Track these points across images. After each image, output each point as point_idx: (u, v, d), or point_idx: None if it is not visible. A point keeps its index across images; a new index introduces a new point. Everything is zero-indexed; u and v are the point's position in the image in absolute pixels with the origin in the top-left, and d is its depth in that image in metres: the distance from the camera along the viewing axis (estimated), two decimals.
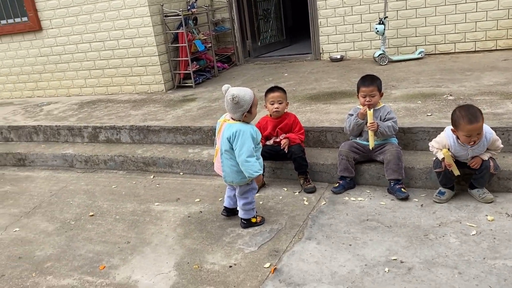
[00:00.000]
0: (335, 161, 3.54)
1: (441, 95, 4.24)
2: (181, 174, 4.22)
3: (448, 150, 2.95)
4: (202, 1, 6.73)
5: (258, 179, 2.98)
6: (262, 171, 3.06)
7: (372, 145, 3.35)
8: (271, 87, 3.65)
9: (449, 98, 4.14)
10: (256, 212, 3.13)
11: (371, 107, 3.35)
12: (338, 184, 3.45)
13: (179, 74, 6.19)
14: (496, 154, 3.01)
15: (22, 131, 5.44)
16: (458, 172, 2.96)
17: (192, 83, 6.07)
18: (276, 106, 3.58)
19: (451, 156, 2.94)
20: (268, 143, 3.63)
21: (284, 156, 3.56)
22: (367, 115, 3.32)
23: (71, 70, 6.55)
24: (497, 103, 3.84)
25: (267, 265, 2.66)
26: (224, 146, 2.94)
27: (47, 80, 6.81)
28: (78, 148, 4.90)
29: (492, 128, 2.97)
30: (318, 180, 3.63)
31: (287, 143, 3.51)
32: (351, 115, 3.48)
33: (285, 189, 3.62)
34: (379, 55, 5.70)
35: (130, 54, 6.07)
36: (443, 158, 2.96)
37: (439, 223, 2.86)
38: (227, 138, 2.91)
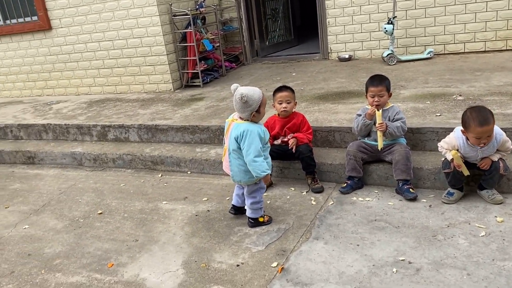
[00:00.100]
0: (343, 161, 3.53)
1: (450, 95, 4.21)
2: (188, 173, 4.23)
3: (457, 151, 2.93)
4: (210, 0, 6.75)
5: (266, 179, 2.98)
6: (270, 171, 3.07)
7: (381, 145, 3.33)
8: (279, 87, 3.65)
9: (458, 98, 4.11)
10: (263, 212, 3.13)
11: (380, 107, 3.34)
12: (346, 184, 3.45)
13: (187, 73, 6.21)
14: (506, 155, 2.99)
15: (31, 129, 5.48)
16: (468, 172, 2.94)
17: (200, 83, 6.09)
18: (284, 105, 3.58)
19: (460, 157, 2.92)
20: (276, 142, 3.63)
21: (292, 156, 3.56)
22: (375, 116, 3.31)
23: (80, 69, 6.60)
24: (507, 103, 3.81)
25: (275, 264, 2.67)
26: (232, 145, 2.95)
27: (57, 79, 6.86)
28: (87, 147, 4.94)
29: (502, 129, 2.95)
30: (326, 180, 3.63)
31: (295, 142, 3.51)
32: (359, 115, 3.47)
33: (292, 188, 3.62)
34: (388, 55, 5.68)
35: (139, 54, 6.10)
36: (452, 159, 2.94)
37: (447, 224, 2.84)
38: (234, 138, 2.91)
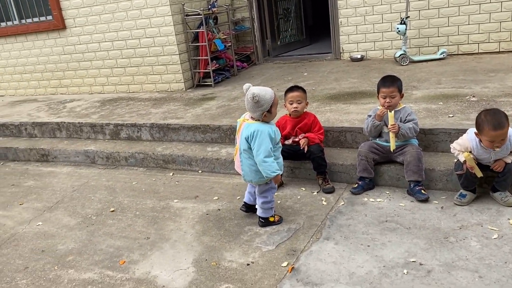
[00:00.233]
0: (354, 161, 3.52)
1: (463, 96, 4.17)
2: (199, 172, 4.26)
3: (470, 152, 2.91)
4: (222, 0, 6.77)
5: (276, 179, 2.98)
6: (281, 171, 3.07)
7: (393, 147, 3.31)
8: (290, 87, 3.65)
9: (471, 99, 4.07)
10: (274, 211, 3.14)
11: (391, 108, 3.32)
12: (357, 184, 3.44)
13: (199, 73, 6.24)
14: None
15: (45, 127, 5.56)
16: (481, 174, 2.91)
17: (211, 82, 6.12)
18: (295, 105, 3.58)
19: (473, 159, 2.90)
20: (287, 142, 3.63)
21: (303, 156, 3.56)
22: (388, 117, 3.29)
23: (93, 68, 6.67)
24: None
25: (285, 264, 2.67)
26: (243, 145, 2.96)
27: (70, 78, 6.94)
28: (100, 145, 4.99)
29: None
30: (337, 181, 3.62)
31: (306, 142, 3.51)
32: (370, 116, 3.46)
33: (303, 189, 3.62)
34: (400, 55, 5.64)
35: (151, 53, 6.14)
36: (464, 161, 2.92)
37: (459, 226, 2.82)
38: (245, 138, 2.92)
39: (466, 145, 2.94)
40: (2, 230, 3.62)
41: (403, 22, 5.51)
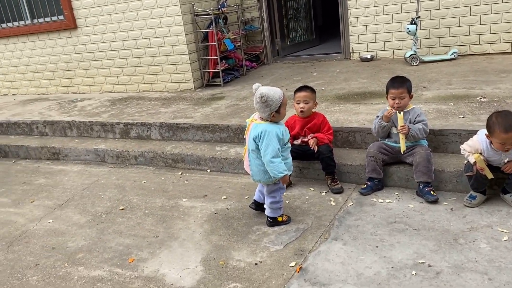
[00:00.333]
0: (363, 162, 3.51)
1: (474, 97, 4.14)
2: (208, 171, 4.27)
3: (480, 154, 2.89)
4: (232, 0, 6.78)
5: (284, 180, 2.97)
6: (290, 172, 3.07)
7: (403, 148, 3.29)
8: (299, 87, 3.66)
9: (482, 100, 4.04)
10: (282, 211, 3.14)
11: (401, 109, 3.30)
12: (366, 185, 3.43)
13: (208, 72, 6.26)
14: None
15: (56, 126, 5.62)
16: (491, 176, 2.89)
17: (220, 82, 6.13)
18: (301, 106, 3.57)
19: (483, 161, 2.87)
20: (295, 142, 3.63)
21: (312, 156, 3.56)
22: (396, 118, 3.28)
23: (104, 67, 6.72)
24: None
25: (293, 264, 2.68)
26: (251, 146, 2.97)
27: (81, 77, 7.01)
28: (110, 144, 5.03)
29: None
30: (346, 181, 3.62)
31: (315, 142, 3.51)
32: (378, 116, 3.44)
33: (312, 189, 3.62)
34: (410, 55, 5.61)
35: (161, 53, 6.18)
36: (474, 162, 2.90)
37: (469, 227, 2.80)
38: (253, 138, 2.93)
39: (477, 146, 2.92)
40: (14, 227, 3.67)
41: (413, 22, 5.48)
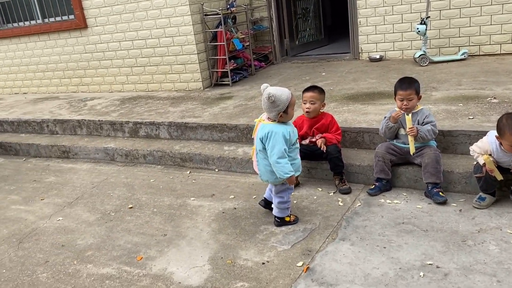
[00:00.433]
0: (371, 162, 3.50)
1: (484, 98, 4.11)
2: (216, 170, 4.29)
3: (490, 155, 2.87)
4: (241, 0, 6.79)
5: (291, 180, 2.96)
6: (298, 172, 3.07)
7: (412, 150, 3.27)
8: (308, 87, 3.65)
9: (493, 101, 4.00)
10: (290, 211, 3.14)
11: (409, 111, 3.28)
12: (374, 186, 3.42)
13: (217, 72, 6.27)
14: None
15: (66, 124, 5.67)
16: (501, 177, 2.87)
17: (229, 81, 6.15)
18: (307, 106, 3.57)
19: (493, 162, 2.85)
20: (304, 142, 3.63)
21: (320, 156, 3.56)
22: (404, 120, 3.26)
23: (114, 67, 6.77)
24: None
25: (300, 264, 2.68)
26: (258, 146, 2.98)
27: (91, 76, 7.06)
28: (119, 143, 5.07)
29: None
30: (354, 182, 3.61)
31: (323, 142, 3.50)
32: (386, 117, 3.43)
33: (319, 189, 3.62)
34: (420, 55, 5.58)
35: (170, 52, 6.21)
36: (484, 164, 2.88)
37: (478, 229, 2.79)
38: (260, 139, 2.94)
39: (486, 148, 2.90)
40: (24, 224, 3.71)
41: (423, 22, 5.44)
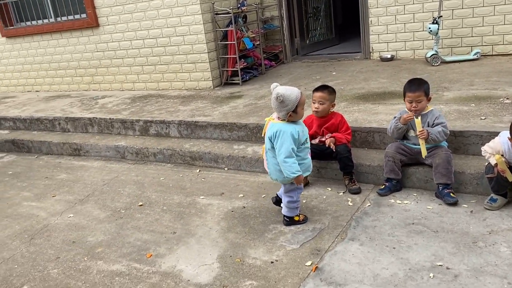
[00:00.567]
0: (381, 162, 3.48)
1: (497, 98, 4.06)
2: (225, 169, 4.30)
3: (502, 156, 2.84)
4: None
5: (298, 180, 2.94)
6: (308, 172, 3.07)
7: (424, 153, 3.23)
8: (318, 86, 3.64)
9: (505, 101, 3.96)
10: (299, 211, 3.14)
11: (418, 112, 3.25)
12: (384, 186, 3.40)
13: (227, 71, 6.28)
14: None
15: (78, 122, 5.73)
16: None
17: (239, 80, 6.15)
18: (316, 106, 3.57)
19: (504, 162, 2.82)
20: (313, 142, 3.62)
21: (330, 156, 3.55)
22: (414, 122, 3.22)
23: (125, 65, 6.82)
24: None
25: (309, 263, 2.68)
26: (267, 145, 2.99)
27: (103, 75, 7.12)
28: (130, 141, 5.11)
29: None
30: (364, 182, 3.59)
31: (332, 141, 3.49)
32: (395, 117, 3.40)
33: (329, 189, 3.61)
34: (432, 55, 5.54)
35: (181, 51, 6.23)
36: (495, 164, 2.85)
37: (489, 230, 2.76)
38: (268, 137, 2.95)
39: (498, 148, 2.87)
40: (36, 220, 3.76)
41: (435, 22, 5.40)
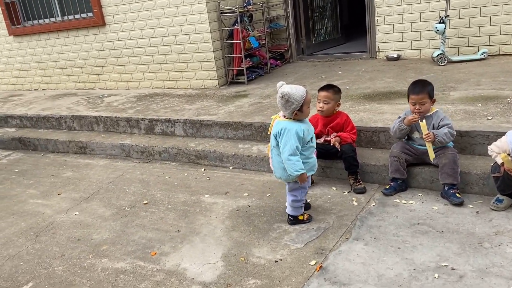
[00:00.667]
0: (387, 162, 3.47)
1: (504, 98, 4.03)
2: (230, 168, 4.30)
3: (508, 155, 2.81)
4: None
5: (302, 179, 2.94)
6: (313, 172, 3.06)
7: (432, 156, 3.19)
8: (324, 85, 3.63)
9: None
10: (304, 210, 3.13)
11: (422, 115, 3.23)
12: (389, 185, 3.39)
13: (233, 70, 6.28)
14: None
15: (84, 121, 5.75)
16: None
17: (244, 80, 6.15)
18: (320, 105, 3.57)
19: (511, 161, 2.80)
20: (318, 141, 3.61)
21: (335, 155, 3.54)
22: (419, 125, 3.19)
23: (131, 64, 6.84)
24: None
25: (313, 262, 2.67)
26: (272, 142, 2.99)
27: (108, 73, 7.14)
28: (135, 139, 5.12)
29: None
30: (369, 181, 3.58)
31: (338, 140, 3.48)
32: (400, 117, 3.38)
33: (334, 188, 3.60)
34: (438, 55, 5.50)
35: (187, 50, 6.24)
36: (502, 163, 2.83)
37: (495, 231, 2.74)
38: (273, 135, 2.95)
39: (505, 147, 2.85)
40: (41, 218, 3.78)
41: (442, 21, 5.37)
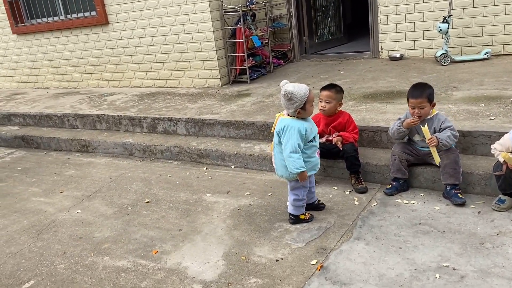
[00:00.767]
0: (388, 162, 3.46)
1: (507, 99, 4.02)
2: (232, 167, 4.30)
3: (510, 152, 2.80)
4: None
5: (302, 177, 2.93)
6: (314, 171, 3.06)
7: (438, 160, 3.18)
8: (326, 85, 3.64)
9: None
10: (305, 209, 3.13)
11: (422, 118, 3.21)
12: (390, 185, 3.38)
13: (235, 69, 6.29)
14: None
15: (86, 119, 5.76)
16: None
17: (247, 79, 6.15)
18: (322, 104, 3.57)
19: None
20: (320, 140, 3.61)
21: (336, 155, 3.54)
22: (421, 130, 3.18)
23: (133, 62, 6.84)
24: None
25: (314, 262, 2.67)
26: (275, 139, 3.00)
27: (111, 72, 7.16)
28: (137, 138, 5.13)
29: None
30: (370, 181, 3.58)
31: (340, 139, 3.48)
32: (400, 119, 3.37)
33: (335, 188, 3.60)
34: (441, 54, 5.49)
35: (189, 49, 6.24)
36: (504, 161, 2.82)
37: (497, 232, 2.73)
38: (276, 132, 2.96)
39: (507, 145, 2.84)
40: (44, 216, 3.79)
41: (445, 21, 5.35)
